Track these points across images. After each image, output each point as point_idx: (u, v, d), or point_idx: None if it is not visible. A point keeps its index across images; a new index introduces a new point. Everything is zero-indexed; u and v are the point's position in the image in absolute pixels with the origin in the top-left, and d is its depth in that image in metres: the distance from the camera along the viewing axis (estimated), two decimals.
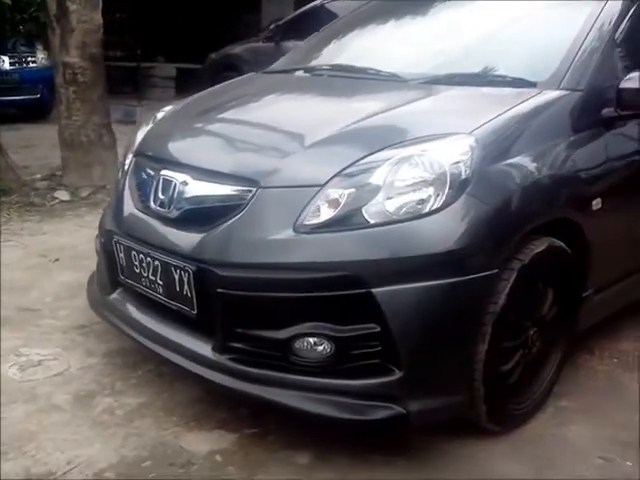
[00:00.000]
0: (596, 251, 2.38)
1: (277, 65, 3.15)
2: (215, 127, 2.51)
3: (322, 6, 7.79)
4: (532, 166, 2.11)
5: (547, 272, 2.20)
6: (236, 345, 1.98)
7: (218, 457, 2.06)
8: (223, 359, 2.00)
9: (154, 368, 2.51)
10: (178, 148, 2.36)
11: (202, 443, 2.13)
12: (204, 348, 2.04)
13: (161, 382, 2.45)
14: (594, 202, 2.31)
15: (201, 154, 2.26)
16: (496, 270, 1.95)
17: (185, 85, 9.18)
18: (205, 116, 2.57)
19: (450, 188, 1.92)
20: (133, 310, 2.32)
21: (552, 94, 2.29)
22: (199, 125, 2.53)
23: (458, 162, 1.95)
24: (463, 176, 1.94)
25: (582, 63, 2.37)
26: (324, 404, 1.90)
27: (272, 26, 7.98)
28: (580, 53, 2.39)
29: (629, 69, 2.46)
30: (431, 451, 2.09)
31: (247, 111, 2.58)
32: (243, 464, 2.03)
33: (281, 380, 1.94)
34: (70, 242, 3.89)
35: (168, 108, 2.86)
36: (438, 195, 1.91)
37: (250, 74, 3.13)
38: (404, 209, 1.92)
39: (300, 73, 2.88)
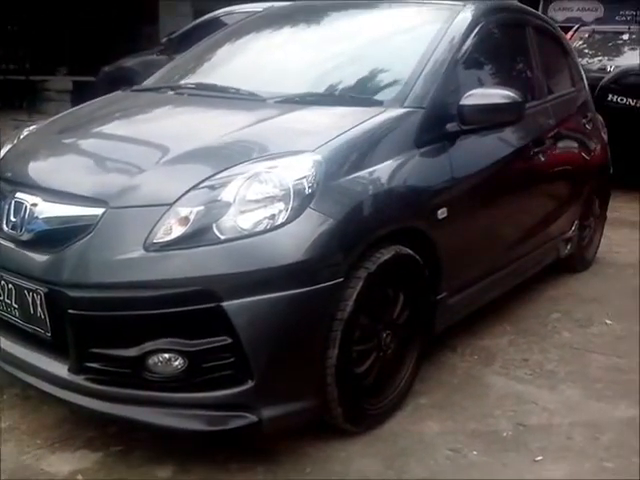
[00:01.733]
0: (446, 257, 2.55)
1: (146, 83, 3.18)
2: (71, 146, 2.52)
3: (217, 19, 7.82)
4: (377, 179, 2.25)
5: (396, 278, 2.34)
6: (91, 365, 2.00)
7: (79, 477, 2.07)
8: (79, 379, 2.02)
9: (20, 392, 2.48)
10: (32, 169, 2.36)
11: (64, 464, 2.13)
12: (60, 369, 2.05)
13: (27, 405, 2.43)
14: (439, 212, 2.48)
15: (53, 175, 2.27)
16: (342, 279, 2.06)
17: (82, 98, 8.98)
18: (64, 135, 2.58)
19: (294, 203, 2.02)
20: None
21: (397, 111, 2.45)
22: (56, 145, 2.53)
23: (302, 178, 2.06)
24: (307, 191, 2.05)
25: (426, 82, 2.55)
26: (180, 418, 1.96)
27: (165, 39, 7.95)
28: (424, 72, 2.58)
29: (471, 86, 2.66)
30: (291, 454, 2.18)
31: (106, 130, 2.60)
32: None
33: (137, 397, 1.98)
34: None
35: (33, 126, 2.84)
36: (285, 210, 2.01)
37: (118, 92, 3.15)
38: (253, 224, 2.00)
39: (166, 91, 2.93)
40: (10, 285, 2.12)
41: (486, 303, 3.14)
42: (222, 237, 1.97)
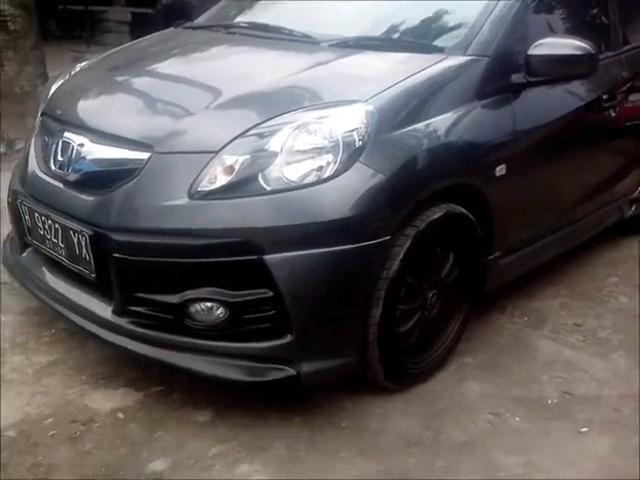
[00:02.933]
0: (501, 217, 2.44)
1: (200, 19, 3.09)
2: (121, 85, 2.48)
3: None
4: (433, 133, 2.14)
5: (446, 237, 2.26)
6: (135, 309, 2.01)
7: (120, 415, 2.12)
8: (123, 322, 2.04)
9: (69, 326, 2.54)
10: (81, 108, 2.33)
11: (107, 401, 2.18)
12: (105, 310, 2.07)
13: (74, 340, 2.48)
14: (498, 169, 2.35)
15: (101, 115, 2.24)
16: (388, 237, 1.99)
17: (141, 30, 8.91)
18: (114, 73, 2.54)
19: (343, 156, 1.94)
20: (40, 270, 2.33)
21: (459, 60, 2.30)
22: (106, 83, 2.50)
23: (352, 130, 1.97)
24: (357, 144, 1.96)
25: (492, 27, 2.38)
26: (220, 366, 1.96)
27: None
28: (491, 17, 2.40)
29: (540, 35, 2.47)
30: (329, 408, 2.18)
31: (157, 69, 2.54)
32: (144, 422, 2.09)
33: (178, 343, 1.99)
34: (4, 196, 3.84)
35: (85, 62, 2.81)
36: (333, 163, 1.93)
37: (170, 29, 3.07)
38: (300, 176, 1.93)
39: (219, 29, 2.83)
40: (57, 225, 2.12)
41: (541, 264, 3.03)
42: (267, 188, 1.92)
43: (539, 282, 3.17)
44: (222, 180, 1.94)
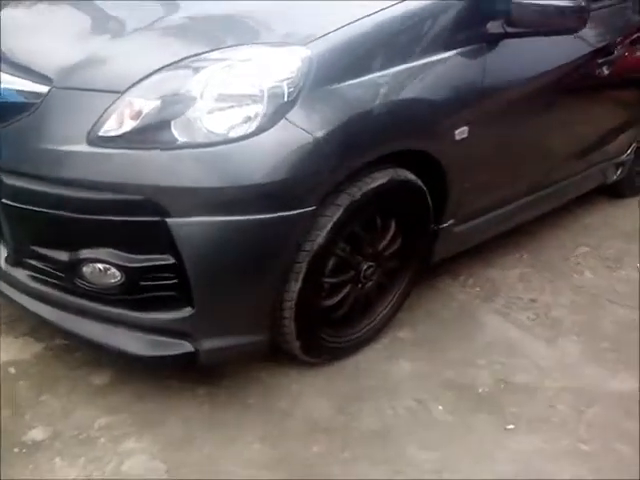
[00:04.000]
0: (457, 183, 2.20)
1: None
2: (34, 14, 2.16)
3: None
4: (383, 88, 1.85)
5: (389, 206, 2.03)
6: (28, 261, 1.81)
7: (12, 369, 1.97)
8: (16, 272, 1.85)
9: None
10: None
11: (2, 351, 2.02)
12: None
13: None
14: (458, 131, 2.09)
15: (11, 42, 1.94)
16: (313, 207, 1.76)
17: None
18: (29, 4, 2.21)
19: (268, 110, 1.68)
20: None
21: (427, 1, 1.98)
22: (25, 10, 2.18)
23: (283, 80, 1.70)
24: (285, 97, 1.69)
25: None
26: (113, 334, 1.78)
27: None
28: None
29: None
30: (239, 380, 2.02)
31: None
32: (36, 380, 1.94)
33: (71, 304, 1.80)
34: None
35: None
36: (253, 118, 1.68)
37: None
38: (223, 128, 1.68)
39: None
40: None
41: (506, 231, 2.82)
42: (180, 140, 1.67)
43: (503, 246, 2.97)
44: (127, 126, 1.68)
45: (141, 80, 1.70)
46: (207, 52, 1.75)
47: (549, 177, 2.77)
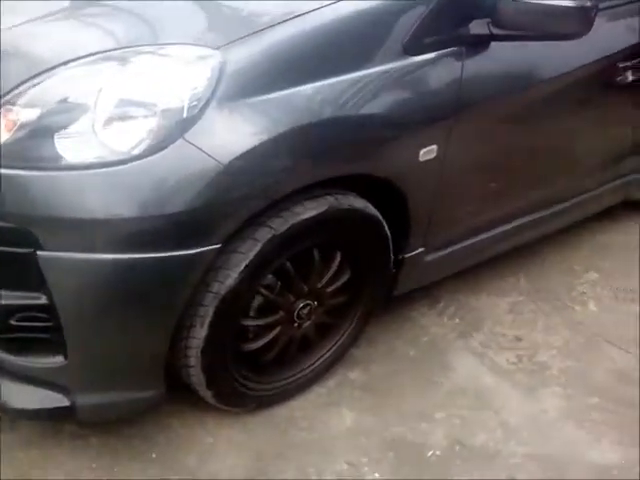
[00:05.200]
0: (425, 208, 1.89)
1: None
2: None
3: None
4: (315, 102, 1.52)
5: (331, 236, 1.73)
6: None
7: None
8: None
9: None
10: None
11: None
12: None
13: None
14: (423, 151, 1.76)
15: None
16: (217, 245, 1.47)
17: None
18: None
19: (161, 128, 1.38)
20: None
21: None
22: None
23: (185, 91, 1.40)
24: (185, 113, 1.39)
25: None
26: None
27: None
28: None
29: None
30: (148, 426, 1.77)
31: None
32: None
33: None
34: None
35: None
36: (146, 137, 1.39)
37: None
38: (107, 146, 1.40)
39: None
40: None
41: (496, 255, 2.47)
42: (65, 159, 1.39)
43: (498, 267, 2.62)
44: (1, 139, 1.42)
45: (21, 84, 1.43)
46: (101, 53, 1.46)
47: (547, 197, 2.39)
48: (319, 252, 1.73)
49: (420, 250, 2.02)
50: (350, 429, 1.87)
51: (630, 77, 2.32)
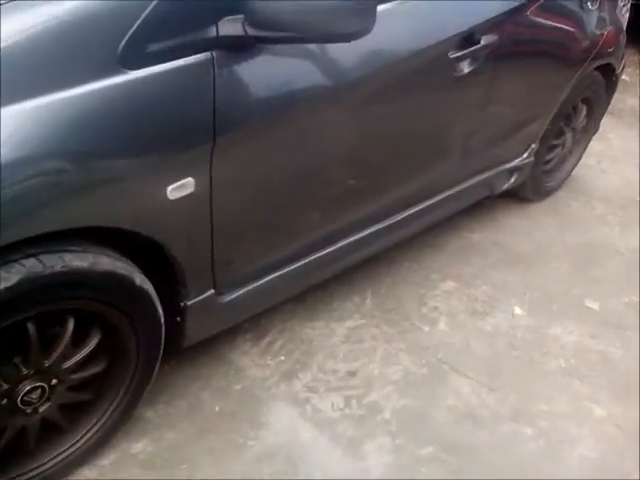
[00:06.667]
0: (192, 249, 1.54)
1: None
2: None
3: None
4: None
5: (51, 304, 1.36)
6: None
7: None
8: None
9: None
10: None
11: None
12: None
13: None
14: (172, 187, 1.39)
15: None
16: None
17: None
18: None
19: None
20: None
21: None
22: None
23: None
24: None
25: None
26: None
27: None
28: None
29: None
30: None
31: None
32: None
33: None
34: None
35: None
36: None
37: None
38: None
39: None
40: None
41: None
42: None
43: (346, 283, 2.33)
44: None
45: None
46: None
47: (376, 211, 2.07)
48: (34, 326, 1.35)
49: (209, 293, 1.67)
50: None
51: (467, 68, 2.01)
